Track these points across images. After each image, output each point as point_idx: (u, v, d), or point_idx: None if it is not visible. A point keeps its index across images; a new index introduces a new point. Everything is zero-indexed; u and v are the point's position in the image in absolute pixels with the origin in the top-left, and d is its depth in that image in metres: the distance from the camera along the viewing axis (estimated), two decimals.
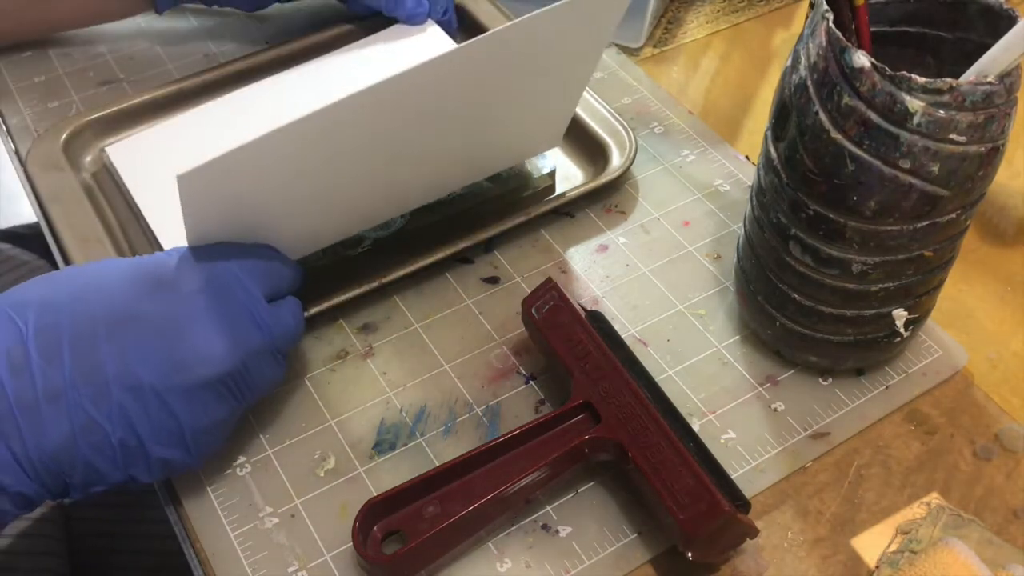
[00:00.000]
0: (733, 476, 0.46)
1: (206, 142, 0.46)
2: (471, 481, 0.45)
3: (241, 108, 0.62)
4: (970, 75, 0.40)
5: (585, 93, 0.63)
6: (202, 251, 0.45)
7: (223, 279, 0.44)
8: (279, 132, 0.42)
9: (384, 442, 0.49)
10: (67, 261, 0.55)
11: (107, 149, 0.61)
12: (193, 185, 0.42)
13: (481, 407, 0.50)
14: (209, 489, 0.47)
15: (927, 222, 0.43)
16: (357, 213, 0.54)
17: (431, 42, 0.66)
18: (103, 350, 0.41)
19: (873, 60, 0.39)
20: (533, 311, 0.49)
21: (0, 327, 0.41)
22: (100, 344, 0.41)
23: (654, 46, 0.72)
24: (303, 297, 0.49)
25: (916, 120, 0.39)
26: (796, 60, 0.43)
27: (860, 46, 0.43)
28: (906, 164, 0.40)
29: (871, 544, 0.45)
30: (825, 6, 0.42)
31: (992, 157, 0.41)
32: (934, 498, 0.47)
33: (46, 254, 0.74)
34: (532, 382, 0.51)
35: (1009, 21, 0.42)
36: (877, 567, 0.45)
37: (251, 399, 0.46)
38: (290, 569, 0.45)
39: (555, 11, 0.46)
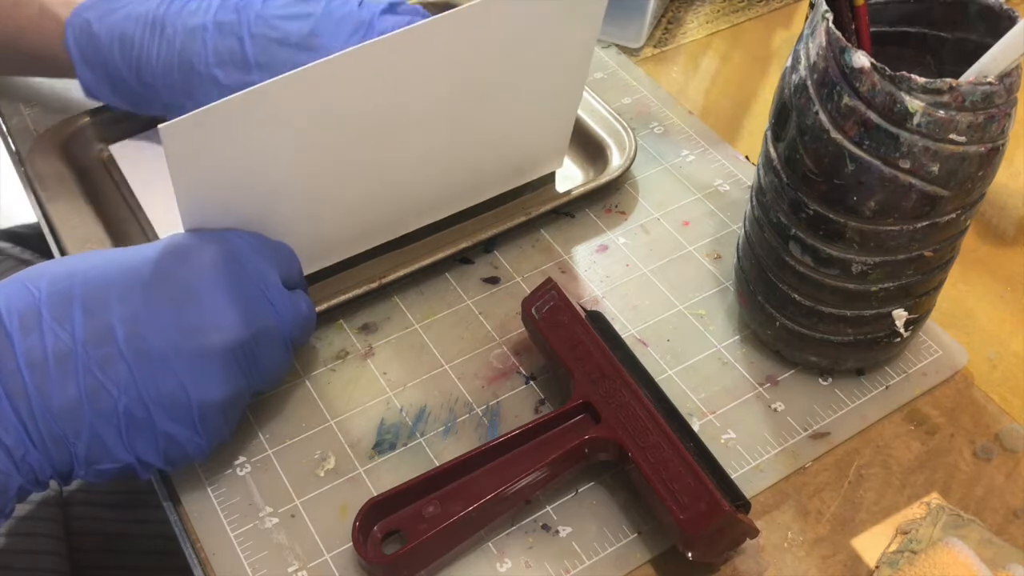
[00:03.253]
0: (733, 476, 0.46)
1: None
2: (471, 481, 0.45)
3: None
4: (970, 75, 0.40)
5: (585, 93, 0.63)
6: (218, 232, 0.46)
7: (238, 257, 0.45)
8: (267, 86, 0.42)
9: (384, 442, 0.49)
10: None
11: (111, 148, 0.61)
12: (178, 139, 0.41)
13: (481, 407, 0.50)
14: (209, 489, 0.47)
15: (927, 222, 0.43)
16: (362, 223, 0.53)
17: None
18: (114, 314, 0.41)
19: (873, 60, 0.39)
20: (533, 311, 0.49)
21: (15, 294, 0.42)
22: (111, 308, 0.41)
23: (654, 46, 0.72)
24: None
25: (916, 120, 0.39)
26: (796, 60, 0.43)
27: (860, 46, 0.43)
28: (906, 164, 0.40)
29: (871, 544, 0.46)
30: (825, 6, 0.42)
31: (992, 157, 0.41)
32: (934, 498, 0.47)
33: (46, 254, 0.74)
34: (532, 382, 0.51)
35: (1009, 21, 0.42)
36: (877, 567, 0.45)
37: (258, 383, 0.46)
38: (290, 569, 0.45)
39: None
